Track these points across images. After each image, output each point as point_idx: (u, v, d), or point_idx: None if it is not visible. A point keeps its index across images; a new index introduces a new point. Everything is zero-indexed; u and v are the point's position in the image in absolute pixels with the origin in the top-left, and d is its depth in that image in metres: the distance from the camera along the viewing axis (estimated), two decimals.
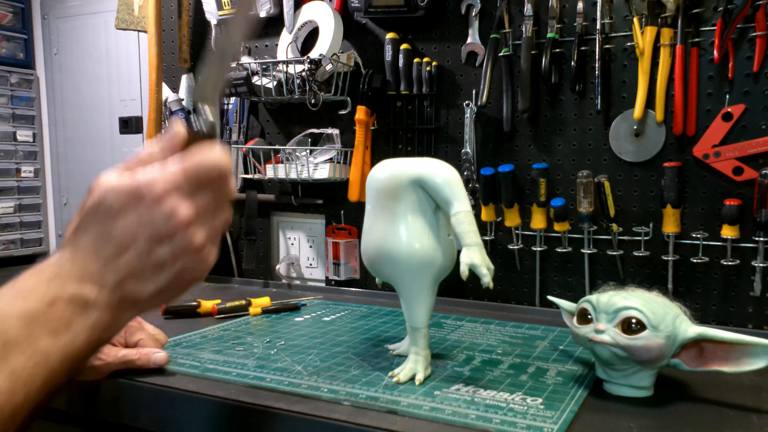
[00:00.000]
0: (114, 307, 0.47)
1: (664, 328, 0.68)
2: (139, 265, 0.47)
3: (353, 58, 1.33)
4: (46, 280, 0.45)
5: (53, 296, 0.45)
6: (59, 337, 0.44)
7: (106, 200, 0.47)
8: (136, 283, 0.48)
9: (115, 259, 0.47)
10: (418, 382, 0.77)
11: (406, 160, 0.80)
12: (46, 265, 0.47)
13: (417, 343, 0.80)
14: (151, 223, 0.47)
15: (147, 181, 0.47)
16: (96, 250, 0.47)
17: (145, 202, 0.47)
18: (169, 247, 0.48)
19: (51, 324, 0.44)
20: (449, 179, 0.75)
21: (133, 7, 1.52)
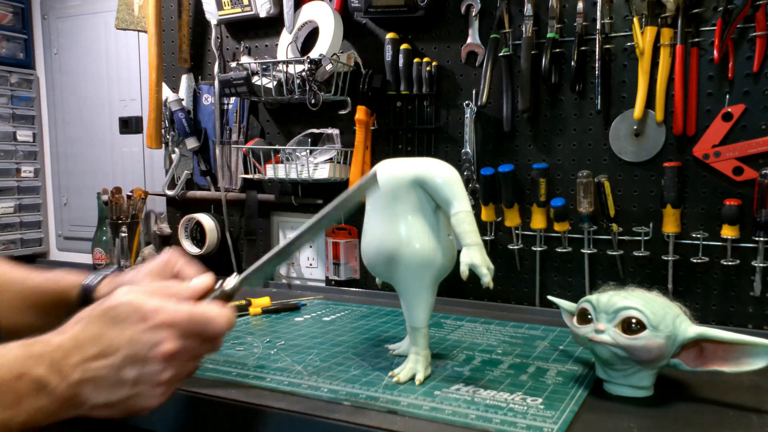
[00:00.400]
0: (62, 402, 0.51)
1: (664, 328, 0.68)
2: (104, 375, 0.52)
3: (353, 58, 1.33)
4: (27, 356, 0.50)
5: (24, 372, 0.49)
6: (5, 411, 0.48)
7: (117, 309, 0.54)
8: (92, 389, 0.52)
9: (91, 360, 0.52)
10: (418, 382, 0.77)
11: (406, 160, 0.80)
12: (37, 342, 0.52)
13: (417, 343, 0.80)
14: (137, 343, 0.53)
15: (156, 308, 0.54)
16: (81, 346, 0.52)
17: (144, 326, 0.53)
18: (138, 370, 0.53)
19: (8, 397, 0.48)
20: (449, 179, 0.76)
21: (133, 7, 1.52)
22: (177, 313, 0.55)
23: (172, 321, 0.54)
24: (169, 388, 0.56)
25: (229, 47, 1.50)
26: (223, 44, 1.50)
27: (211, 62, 1.52)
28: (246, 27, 1.47)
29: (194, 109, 1.55)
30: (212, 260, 1.56)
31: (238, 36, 1.49)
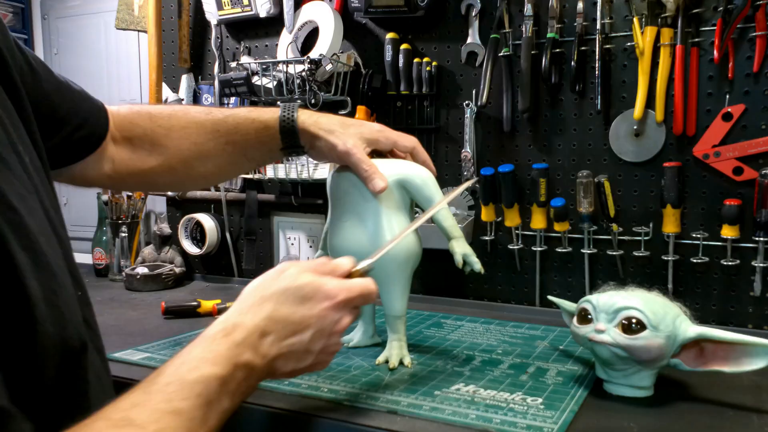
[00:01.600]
0: (261, 377, 0.57)
1: (664, 328, 0.68)
2: (295, 349, 0.59)
3: (353, 58, 1.33)
4: (235, 345, 0.55)
5: (236, 362, 0.54)
6: (233, 399, 0.53)
7: (304, 289, 0.60)
8: (284, 362, 0.59)
9: (286, 339, 0.58)
10: (408, 365, 0.82)
11: (387, 161, 0.85)
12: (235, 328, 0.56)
13: (398, 330, 0.85)
14: (325, 319, 0.60)
15: (336, 288, 0.61)
16: (276, 326, 0.58)
17: (330, 304, 0.60)
18: (323, 342, 0.60)
19: (230, 386, 0.53)
20: (429, 180, 0.84)
21: (133, 7, 1.52)
22: (352, 291, 0.62)
23: (349, 299, 0.62)
24: (332, 357, 0.63)
25: (229, 47, 1.50)
26: (223, 44, 1.50)
27: (211, 62, 1.52)
28: (246, 27, 1.47)
29: None
30: (212, 260, 1.56)
31: (238, 36, 1.49)
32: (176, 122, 0.83)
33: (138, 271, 1.42)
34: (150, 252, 1.54)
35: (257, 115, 0.83)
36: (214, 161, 0.84)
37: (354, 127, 0.83)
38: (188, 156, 0.83)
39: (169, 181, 0.89)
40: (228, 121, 0.83)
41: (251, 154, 0.85)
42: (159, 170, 0.83)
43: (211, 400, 0.50)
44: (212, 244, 1.51)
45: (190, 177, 0.86)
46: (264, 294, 0.60)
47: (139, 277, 1.41)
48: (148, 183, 0.88)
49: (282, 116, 0.82)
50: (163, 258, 1.53)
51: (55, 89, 0.70)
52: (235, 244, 1.53)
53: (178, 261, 1.52)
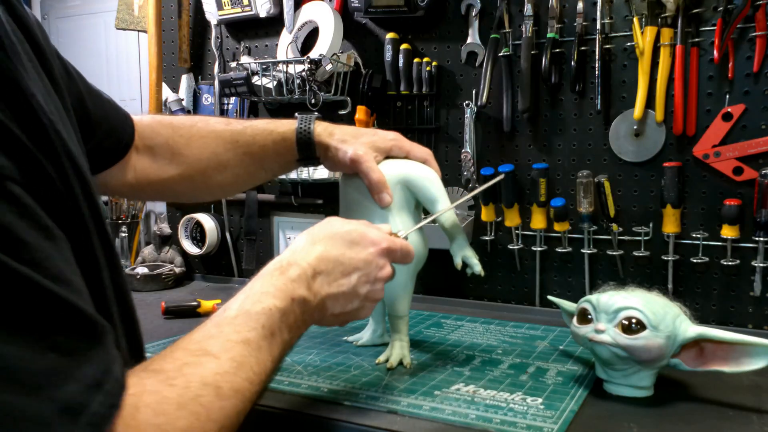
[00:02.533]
0: (313, 313, 0.61)
1: (664, 328, 0.68)
2: (344, 291, 0.63)
3: (353, 58, 1.33)
4: (290, 281, 0.59)
5: (293, 296, 0.57)
6: (291, 332, 0.57)
7: (351, 234, 0.66)
8: (333, 302, 0.63)
9: (336, 279, 0.63)
10: (408, 365, 0.82)
11: (391, 161, 0.85)
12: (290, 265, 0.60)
13: (400, 330, 0.85)
14: (371, 264, 0.65)
15: (380, 237, 0.67)
16: (328, 266, 0.62)
17: (375, 249, 0.65)
18: (368, 287, 0.64)
19: (289, 319, 0.56)
20: (433, 179, 0.83)
21: (133, 7, 1.52)
22: (395, 242, 0.68)
23: (392, 249, 0.67)
24: (373, 305, 0.67)
25: (229, 47, 1.50)
26: (223, 44, 1.50)
27: (211, 62, 1.52)
28: (246, 27, 1.47)
29: (194, 109, 1.55)
30: (212, 260, 1.56)
31: (238, 36, 1.49)
32: (196, 132, 0.85)
33: (138, 271, 1.42)
34: (150, 252, 1.54)
35: (275, 127, 0.85)
36: (231, 171, 0.86)
37: (367, 136, 0.84)
38: (207, 166, 0.85)
39: (187, 191, 0.89)
40: (246, 132, 0.85)
41: (268, 164, 0.87)
42: (178, 179, 0.85)
43: (274, 331, 0.54)
44: (212, 244, 1.51)
45: (207, 186, 0.88)
46: (315, 237, 0.65)
47: (139, 277, 1.41)
48: (166, 192, 0.90)
49: (299, 128, 0.83)
50: (163, 258, 1.53)
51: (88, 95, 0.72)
52: (235, 244, 1.53)
53: (178, 261, 1.52)
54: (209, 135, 0.85)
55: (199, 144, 0.85)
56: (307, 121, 0.84)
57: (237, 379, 0.48)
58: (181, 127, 0.85)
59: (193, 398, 0.44)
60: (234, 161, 0.85)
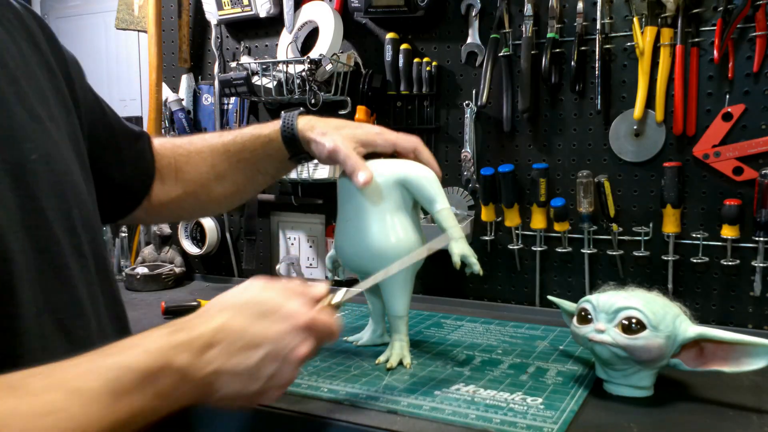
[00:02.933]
0: (197, 389, 0.51)
1: (664, 328, 0.68)
2: (241, 370, 0.53)
3: (353, 58, 1.33)
4: (172, 345, 0.50)
5: (168, 363, 0.49)
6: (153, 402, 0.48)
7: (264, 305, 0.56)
8: (229, 380, 0.53)
9: (232, 355, 0.53)
10: (407, 365, 0.82)
11: (388, 161, 0.85)
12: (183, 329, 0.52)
13: (400, 330, 0.85)
14: (281, 341, 0.55)
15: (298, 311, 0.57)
16: (227, 337, 0.53)
17: (288, 326, 0.55)
18: (276, 367, 0.54)
19: (155, 386, 0.48)
20: (431, 179, 0.83)
21: (133, 7, 1.52)
22: (316, 321, 0.57)
23: (312, 326, 0.57)
24: (284, 390, 0.58)
25: (229, 47, 1.50)
26: (223, 44, 1.50)
27: (211, 62, 1.52)
28: (246, 27, 1.47)
29: (194, 109, 1.55)
30: (212, 260, 1.56)
31: (238, 36, 1.49)
32: (194, 148, 0.86)
33: (138, 271, 1.42)
34: (150, 252, 1.54)
35: (261, 130, 0.85)
36: (230, 180, 0.87)
37: (349, 128, 0.83)
38: (206, 179, 0.86)
39: (195, 207, 0.91)
40: (237, 141, 0.86)
41: (263, 168, 0.88)
42: (184, 197, 0.86)
43: (122, 391, 0.46)
44: (212, 244, 1.51)
45: (211, 199, 0.88)
46: (223, 305, 0.57)
47: (139, 277, 1.41)
48: (175, 212, 0.91)
49: (282, 126, 0.83)
50: (163, 258, 1.53)
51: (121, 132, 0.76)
52: (235, 244, 1.53)
53: (178, 261, 1.52)
54: (205, 149, 0.86)
55: (197, 159, 0.86)
56: (290, 118, 0.83)
57: (39, 423, 0.41)
58: (181, 145, 0.87)
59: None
60: (230, 170, 0.86)
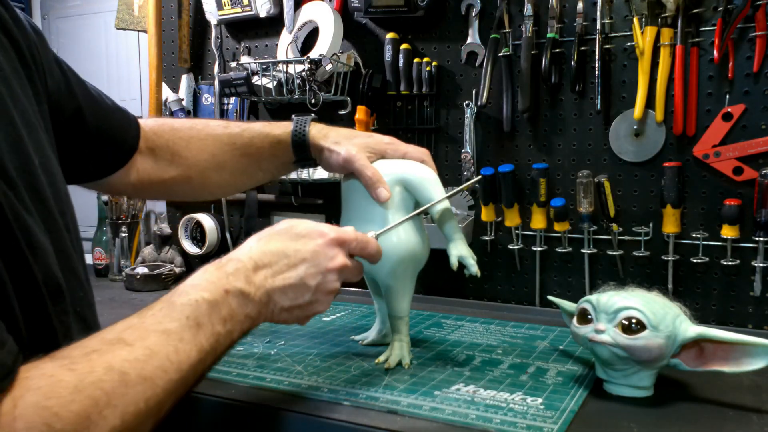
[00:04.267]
0: (260, 307, 0.59)
1: (664, 328, 0.68)
2: (291, 283, 0.61)
3: (353, 58, 1.33)
4: (226, 274, 0.58)
5: (226, 288, 0.57)
6: (227, 325, 0.56)
7: (297, 227, 0.65)
8: (281, 295, 0.61)
9: (281, 272, 0.61)
10: (406, 366, 0.82)
11: (388, 161, 0.85)
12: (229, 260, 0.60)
13: (400, 331, 0.85)
14: (318, 255, 0.63)
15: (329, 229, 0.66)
16: (270, 259, 0.61)
17: (323, 240, 0.64)
18: (318, 279, 0.63)
19: (222, 312, 0.55)
20: (431, 179, 0.83)
21: (133, 7, 1.52)
22: (346, 235, 0.67)
23: (343, 240, 0.66)
24: (333, 297, 0.66)
25: (229, 47, 1.50)
26: (223, 44, 1.50)
27: (211, 62, 1.52)
28: (246, 27, 1.47)
29: (194, 109, 1.55)
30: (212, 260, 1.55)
31: (238, 36, 1.49)
32: (195, 134, 0.87)
33: (138, 271, 1.42)
34: (150, 252, 1.54)
35: (270, 129, 0.87)
36: (229, 172, 0.88)
37: (361, 137, 0.85)
38: (205, 167, 0.87)
39: (187, 191, 0.91)
40: (244, 135, 0.87)
41: (265, 166, 0.89)
42: (178, 180, 0.87)
43: (201, 323, 0.53)
44: (212, 244, 1.51)
45: (206, 187, 0.90)
46: (261, 235, 0.65)
47: (139, 277, 1.41)
48: (167, 192, 0.92)
49: (294, 131, 0.85)
50: (163, 258, 1.53)
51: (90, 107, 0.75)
52: (235, 244, 1.53)
53: (178, 261, 1.52)
54: (208, 137, 0.87)
55: (198, 146, 0.87)
56: (303, 123, 0.85)
57: (148, 366, 0.47)
58: (180, 129, 0.87)
59: (93, 383, 0.43)
60: (231, 162, 0.87)
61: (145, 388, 0.46)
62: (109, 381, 0.44)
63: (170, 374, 0.49)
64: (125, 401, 0.45)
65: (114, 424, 0.43)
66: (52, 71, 0.69)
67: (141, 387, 0.46)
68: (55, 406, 0.41)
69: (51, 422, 0.40)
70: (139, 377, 0.46)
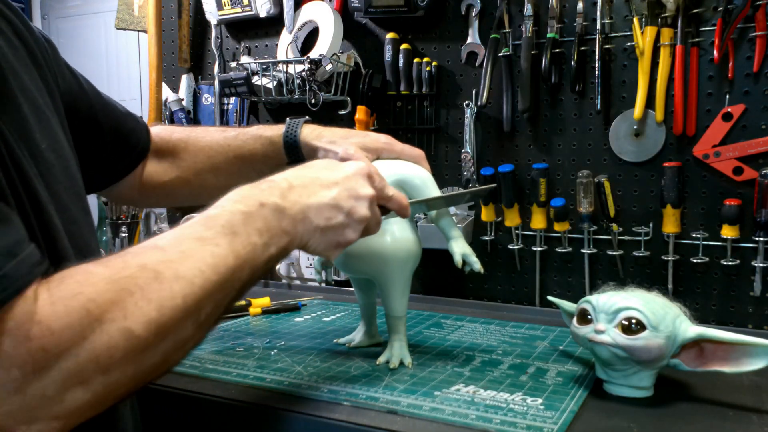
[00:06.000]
0: (295, 223, 0.59)
1: (664, 328, 0.68)
2: (325, 202, 0.62)
3: (353, 58, 1.33)
4: (260, 190, 0.59)
5: (262, 201, 0.57)
6: (264, 237, 0.56)
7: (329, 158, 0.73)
8: (316, 212, 0.61)
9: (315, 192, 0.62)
10: (409, 365, 0.82)
11: (384, 162, 0.85)
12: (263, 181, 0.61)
13: (399, 330, 0.85)
14: (351, 180, 0.64)
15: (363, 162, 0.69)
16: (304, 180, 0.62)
17: (355, 169, 0.66)
18: (351, 203, 0.63)
19: (257, 223, 0.55)
20: (427, 179, 0.84)
21: (133, 7, 1.52)
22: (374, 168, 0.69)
23: (371, 174, 0.67)
24: (362, 227, 0.66)
25: (229, 47, 1.50)
26: (223, 44, 1.50)
27: (211, 62, 1.52)
28: (246, 27, 1.47)
29: (194, 109, 1.55)
30: None
31: (238, 36, 1.49)
32: (194, 137, 0.90)
33: None
34: None
35: (263, 132, 0.88)
36: (224, 175, 0.89)
37: (357, 137, 0.85)
38: (201, 168, 0.89)
39: (186, 194, 0.93)
40: (238, 138, 0.89)
41: (259, 168, 0.89)
42: (177, 182, 0.90)
43: (236, 231, 0.53)
44: None
45: (203, 189, 0.91)
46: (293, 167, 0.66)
47: None
48: (168, 196, 0.94)
49: (285, 132, 0.86)
50: None
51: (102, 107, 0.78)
52: None
53: None
54: (204, 140, 0.90)
55: (195, 148, 0.89)
56: (295, 125, 0.86)
57: (182, 267, 0.47)
58: (181, 132, 0.91)
59: (127, 277, 0.44)
60: (226, 165, 0.89)
61: (182, 286, 0.46)
62: (143, 278, 0.45)
63: (207, 275, 0.48)
64: (161, 296, 0.45)
65: (151, 315, 0.44)
66: (63, 74, 0.71)
67: (177, 284, 0.46)
68: (92, 293, 0.42)
69: (89, 307, 0.41)
70: (174, 276, 0.46)
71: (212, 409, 0.73)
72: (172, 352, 0.47)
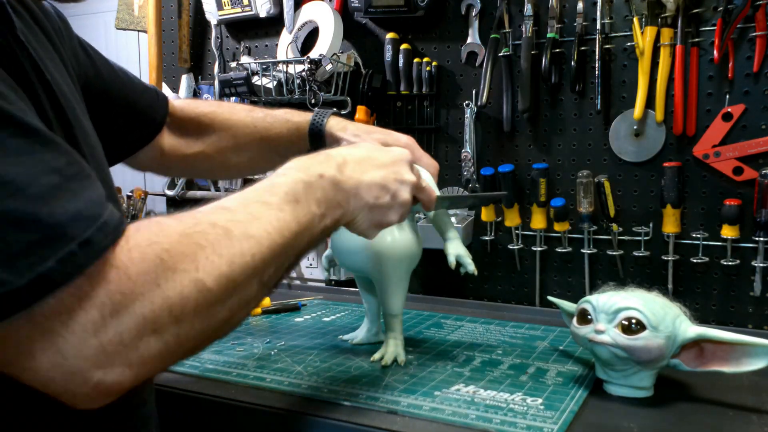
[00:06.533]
0: (351, 199, 0.61)
1: (664, 329, 0.68)
2: (376, 182, 0.63)
3: (353, 58, 1.33)
4: (318, 162, 0.60)
5: (321, 172, 0.58)
6: (322, 208, 0.57)
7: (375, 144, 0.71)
8: (367, 189, 0.63)
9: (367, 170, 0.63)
10: (401, 362, 0.83)
11: None
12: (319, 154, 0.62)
13: (395, 329, 0.86)
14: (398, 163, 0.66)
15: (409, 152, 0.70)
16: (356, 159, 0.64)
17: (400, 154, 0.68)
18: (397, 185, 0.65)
19: (317, 194, 0.57)
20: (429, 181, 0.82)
21: (133, 7, 1.52)
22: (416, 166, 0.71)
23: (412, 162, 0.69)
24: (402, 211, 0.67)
25: (229, 47, 1.50)
26: (223, 44, 1.50)
27: (211, 62, 1.52)
28: (246, 27, 1.47)
29: None
30: None
31: (238, 36, 1.49)
32: (219, 115, 0.91)
33: None
34: None
35: (291, 117, 0.90)
36: (247, 154, 0.91)
37: (379, 133, 0.86)
38: (225, 146, 0.91)
39: (207, 168, 0.96)
40: (266, 120, 0.90)
41: (282, 151, 0.90)
42: (200, 156, 0.91)
43: (298, 198, 0.55)
44: None
45: (225, 166, 0.93)
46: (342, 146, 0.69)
47: None
48: (190, 168, 0.96)
49: (312, 120, 0.87)
50: None
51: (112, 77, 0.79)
52: None
53: None
54: (231, 119, 0.91)
55: (221, 126, 0.91)
56: (322, 114, 0.88)
57: (251, 227, 0.49)
58: (207, 107, 0.93)
59: (198, 232, 0.46)
60: (250, 145, 0.90)
61: (251, 245, 0.48)
62: (214, 234, 0.46)
63: (273, 237, 0.50)
64: (231, 252, 0.46)
65: (222, 269, 0.45)
66: (77, 54, 0.71)
67: (246, 243, 0.47)
68: (166, 243, 0.43)
69: (163, 257, 0.42)
70: (243, 234, 0.48)
71: (212, 409, 0.73)
72: (237, 309, 0.48)
